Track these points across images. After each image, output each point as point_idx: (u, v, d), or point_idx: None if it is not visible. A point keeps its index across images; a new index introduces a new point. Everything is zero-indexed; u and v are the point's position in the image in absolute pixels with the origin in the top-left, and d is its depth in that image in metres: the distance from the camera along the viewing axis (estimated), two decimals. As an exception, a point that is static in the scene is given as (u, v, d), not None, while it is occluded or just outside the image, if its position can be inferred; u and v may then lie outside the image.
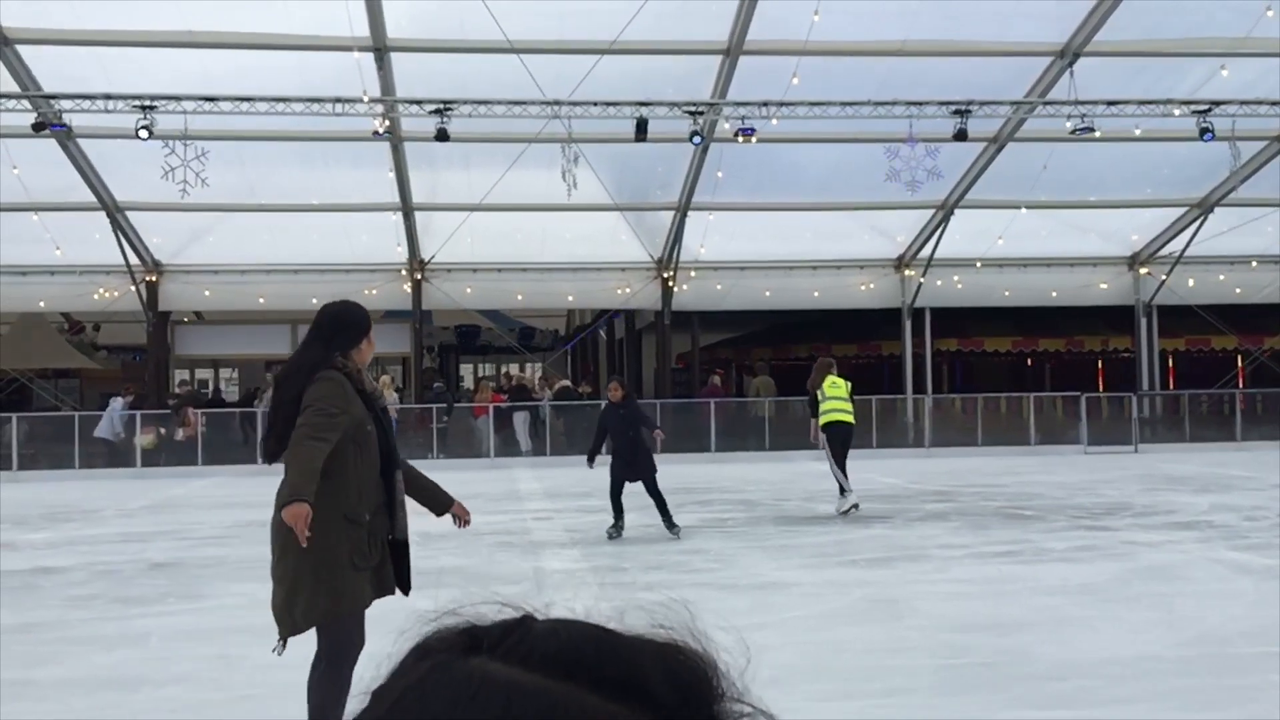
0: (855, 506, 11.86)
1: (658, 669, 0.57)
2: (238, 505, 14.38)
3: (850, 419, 12.27)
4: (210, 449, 20.59)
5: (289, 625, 3.86)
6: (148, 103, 15.73)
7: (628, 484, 10.32)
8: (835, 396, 12.51)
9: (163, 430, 20.73)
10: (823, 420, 12.48)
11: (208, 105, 15.91)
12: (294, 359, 4.12)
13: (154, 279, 22.50)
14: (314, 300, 23.04)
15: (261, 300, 22.95)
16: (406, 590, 4.05)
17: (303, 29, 15.75)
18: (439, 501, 4.32)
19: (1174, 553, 9.09)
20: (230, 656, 6.18)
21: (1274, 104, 17.21)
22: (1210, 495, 13.15)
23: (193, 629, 6.95)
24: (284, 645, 3.91)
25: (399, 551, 4.06)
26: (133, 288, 22.14)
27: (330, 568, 3.79)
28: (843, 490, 11.98)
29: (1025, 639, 6.05)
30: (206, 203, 18.43)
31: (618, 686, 0.55)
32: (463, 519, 4.35)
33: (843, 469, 12.01)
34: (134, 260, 21.73)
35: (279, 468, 3.95)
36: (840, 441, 12.11)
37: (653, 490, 10.23)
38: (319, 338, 4.03)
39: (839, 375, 12.79)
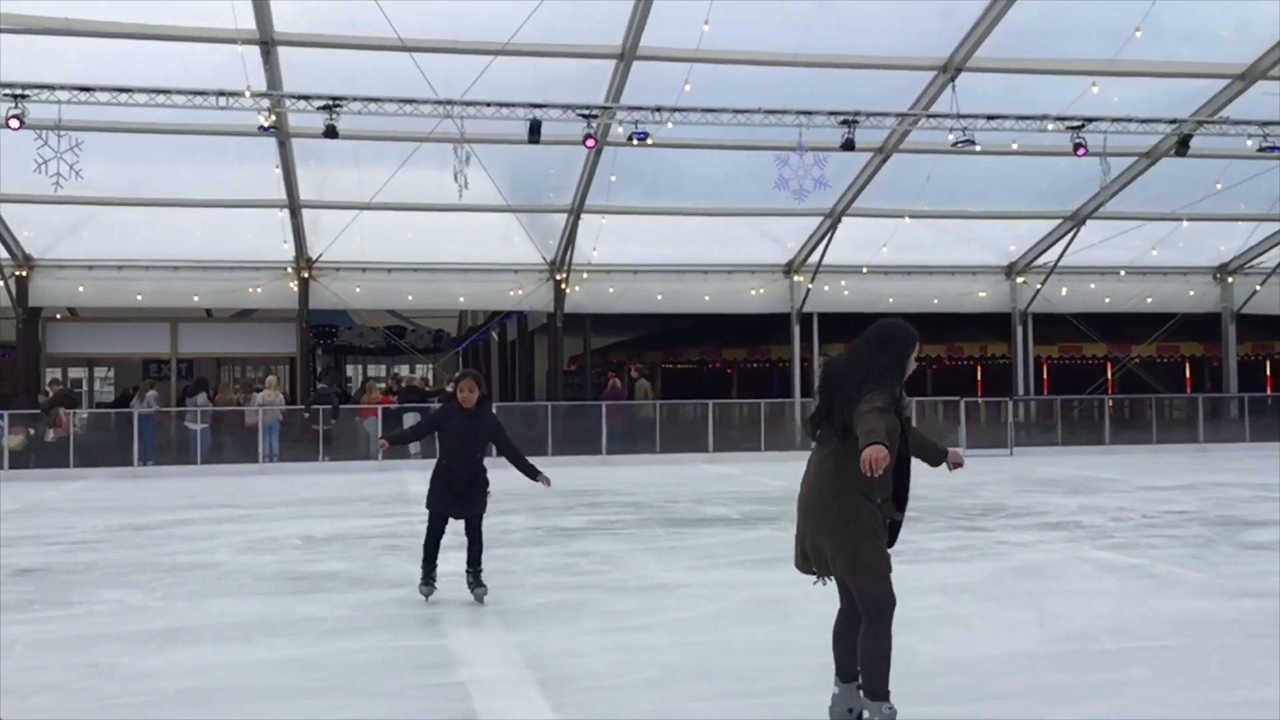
0: None
1: None
2: (110, 509, 13.90)
3: None
4: (82, 450, 19.85)
5: (818, 572, 4.64)
6: (19, 91, 15.12)
7: (451, 521, 7.56)
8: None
9: (32, 431, 19.91)
10: None
11: (84, 95, 15.35)
12: (847, 360, 4.67)
13: (24, 274, 21.67)
14: (195, 298, 22.85)
15: (140, 297, 22.27)
16: None
17: (186, 20, 15.31)
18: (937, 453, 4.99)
19: (1045, 552, 9.43)
20: (100, 665, 5.98)
21: (1143, 122, 17.99)
22: (1079, 497, 13.67)
23: (61, 637, 6.70)
24: (823, 582, 4.70)
25: (893, 531, 4.68)
26: (1, 283, 21.25)
27: (851, 532, 4.48)
28: None
29: (906, 638, 6.17)
30: (82, 196, 17.81)
31: None
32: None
33: None
34: (3, 254, 20.86)
35: (156, 471, 3.86)
36: None
37: (477, 531, 7.51)
38: (873, 348, 4.61)
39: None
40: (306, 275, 22.35)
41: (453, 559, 7.47)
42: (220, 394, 22.20)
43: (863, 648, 4.54)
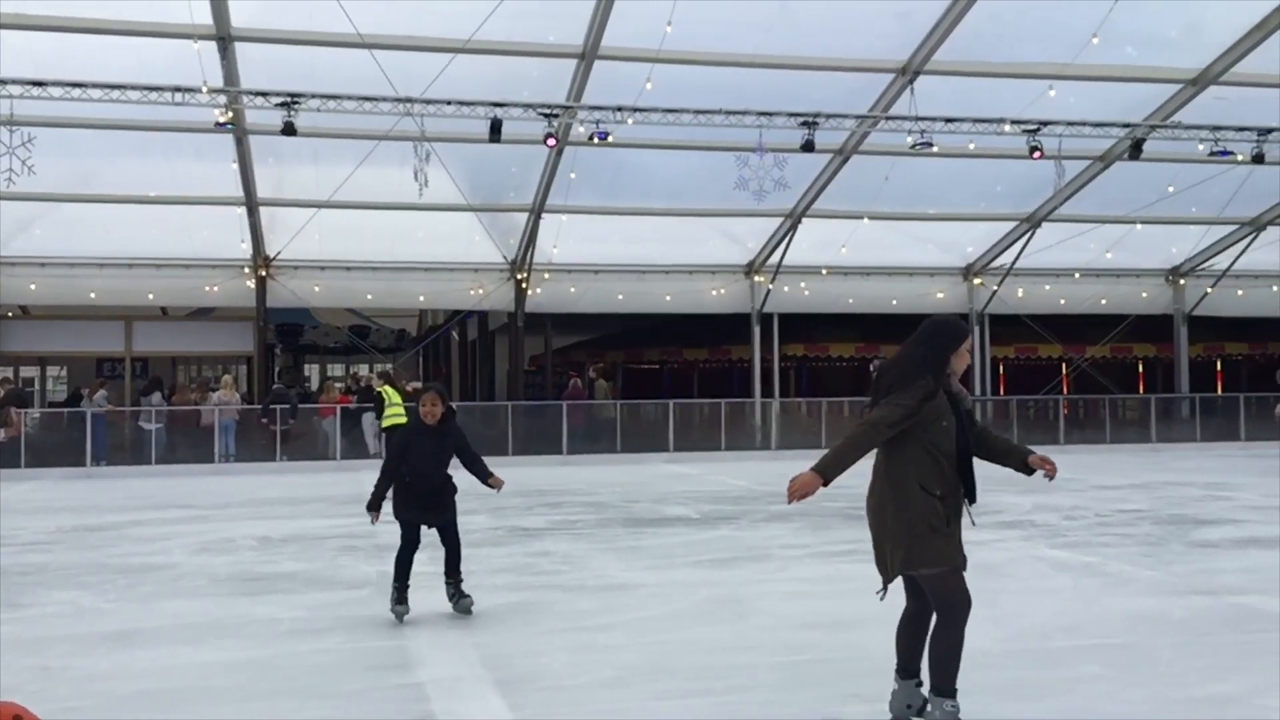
0: None
1: None
2: (62, 510, 13.71)
3: (406, 420, 14.78)
4: (33, 450, 19.53)
5: (885, 574, 4.59)
6: (-31, 84, 14.87)
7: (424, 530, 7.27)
8: (395, 403, 16.39)
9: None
10: (387, 423, 16.61)
11: (36, 90, 15.11)
12: (896, 357, 4.71)
13: (-27, 271, 21.29)
14: (150, 296, 22.55)
15: (93, 295, 21.95)
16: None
17: (141, 15, 15.13)
18: (1017, 455, 4.68)
19: (999, 551, 9.53)
20: (52, 668, 5.91)
21: (1096, 125, 18.23)
22: (1034, 496, 13.81)
23: (12, 639, 6.60)
24: (885, 592, 4.68)
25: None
26: (-50, 280, 20.88)
27: (910, 529, 4.47)
28: None
29: (863, 636, 6.25)
30: (35, 192, 17.56)
31: None
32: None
33: None
34: (-49, 251, 20.49)
35: (109, 471, 3.81)
36: None
37: (454, 538, 7.28)
38: (916, 341, 4.65)
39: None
40: (264, 273, 22.14)
41: (415, 560, 7.42)
42: (177, 394, 21.94)
43: (932, 643, 4.55)
